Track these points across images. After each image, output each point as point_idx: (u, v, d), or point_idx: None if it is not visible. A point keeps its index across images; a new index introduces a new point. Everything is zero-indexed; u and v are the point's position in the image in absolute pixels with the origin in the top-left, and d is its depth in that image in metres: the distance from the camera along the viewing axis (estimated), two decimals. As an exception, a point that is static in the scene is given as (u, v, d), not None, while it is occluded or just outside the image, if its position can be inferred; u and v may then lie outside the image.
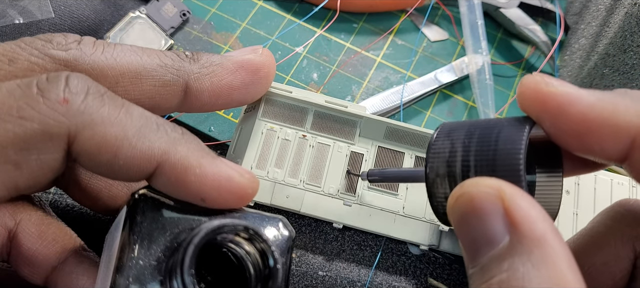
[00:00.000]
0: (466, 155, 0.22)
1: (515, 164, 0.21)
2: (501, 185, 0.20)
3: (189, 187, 0.24)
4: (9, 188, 0.23)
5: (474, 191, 0.20)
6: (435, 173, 0.23)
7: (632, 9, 0.39)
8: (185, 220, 0.24)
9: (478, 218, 0.20)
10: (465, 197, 0.20)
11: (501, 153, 0.21)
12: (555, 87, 0.22)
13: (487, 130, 0.22)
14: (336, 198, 0.34)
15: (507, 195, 0.19)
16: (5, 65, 0.25)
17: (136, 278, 0.23)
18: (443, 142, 0.23)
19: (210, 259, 0.25)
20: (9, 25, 0.39)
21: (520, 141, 0.21)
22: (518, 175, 0.21)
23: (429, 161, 0.24)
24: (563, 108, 0.21)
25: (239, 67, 0.30)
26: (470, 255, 0.20)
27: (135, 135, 0.23)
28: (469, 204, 0.20)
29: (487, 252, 0.20)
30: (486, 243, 0.20)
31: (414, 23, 0.48)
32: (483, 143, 0.22)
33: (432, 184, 0.24)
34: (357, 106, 0.35)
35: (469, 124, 0.24)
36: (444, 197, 0.23)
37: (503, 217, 0.19)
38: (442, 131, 0.24)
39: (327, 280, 0.35)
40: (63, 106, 0.22)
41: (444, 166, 0.23)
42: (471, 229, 0.20)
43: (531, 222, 0.19)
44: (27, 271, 0.26)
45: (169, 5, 0.43)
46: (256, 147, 0.34)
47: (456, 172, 0.23)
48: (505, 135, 0.22)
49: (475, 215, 0.20)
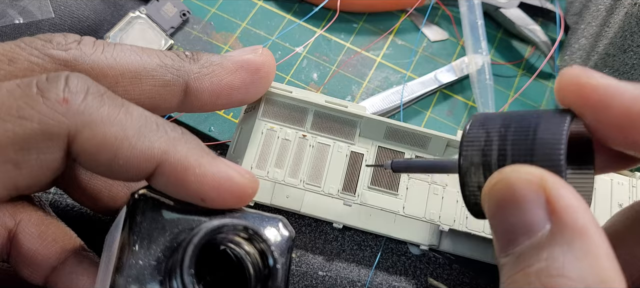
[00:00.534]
0: (503, 144, 0.22)
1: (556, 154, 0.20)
2: (543, 174, 0.19)
3: (189, 186, 0.24)
4: (9, 188, 0.23)
5: (514, 177, 0.20)
6: (469, 162, 0.23)
7: (632, 9, 0.39)
8: (185, 221, 0.24)
9: (517, 205, 0.19)
10: (504, 183, 0.20)
11: (540, 143, 0.21)
12: (597, 80, 0.21)
13: (525, 121, 0.22)
14: (336, 198, 0.34)
15: (549, 184, 0.19)
16: (5, 65, 0.25)
17: (136, 278, 0.23)
18: (478, 131, 0.23)
19: (210, 259, 0.25)
20: (8, 25, 0.39)
21: (561, 132, 0.20)
22: (559, 166, 0.20)
23: (464, 149, 0.23)
24: (606, 101, 0.21)
25: (239, 67, 0.30)
26: (504, 244, 0.20)
27: (135, 134, 0.23)
28: (508, 190, 0.20)
29: (524, 241, 0.19)
30: (524, 231, 0.19)
31: (414, 23, 0.48)
32: (521, 133, 0.21)
33: (465, 173, 0.23)
34: (357, 106, 0.35)
35: (505, 114, 0.23)
36: (477, 186, 0.23)
37: (544, 205, 0.19)
38: (476, 121, 0.23)
39: (327, 280, 0.35)
40: (63, 106, 0.22)
41: (479, 155, 0.22)
42: (508, 216, 0.20)
43: (573, 212, 0.19)
44: (27, 271, 0.26)
45: (169, 5, 0.43)
46: (256, 147, 0.34)
47: (492, 161, 0.22)
48: (545, 126, 0.21)
49: (515, 202, 0.19)
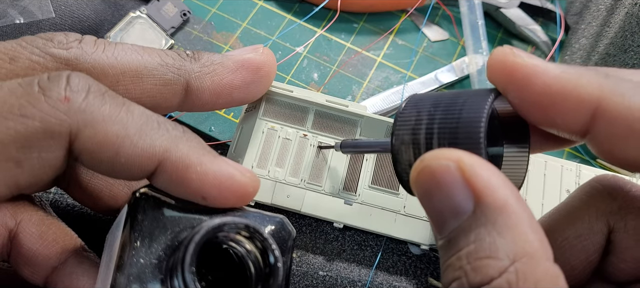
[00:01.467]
0: (430, 124, 0.23)
1: (476, 132, 0.21)
2: (460, 156, 0.20)
3: (190, 185, 0.24)
4: (10, 186, 0.23)
5: (434, 164, 0.20)
6: (400, 141, 0.24)
7: (632, 9, 0.39)
8: (186, 219, 0.24)
9: (441, 191, 0.20)
10: (426, 171, 0.20)
11: (463, 122, 0.21)
12: (523, 58, 0.22)
13: (452, 100, 0.23)
14: (337, 198, 0.34)
15: (466, 165, 0.19)
16: (6, 64, 0.25)
17: (137, 277, 0.23)
18: (410, 111, 0.24)
19: (211, 258, 0.25)
20: (9, 25, 0.39)
21: (482, 110, 0.21)
22: (478, 144, 0.21)
23: (395, 129, 0.24)
24: (528, 79, 0.21)
25: (239, 66, 0.30)
26: (437, 227, 0.20)
27: (137, 133, 0.23)
28: (430, 177, 0.20)
29: (453, 224, 0.20)
30: (451, 215, 0.20)
31: (414, 23, 0.48)
32: (448, 112, 0.22)
33: (397, 151, 0.24)
34: (357, 105, 0.35)
35: (437, 95, 0.24)
36: (408, 164, 0.24)
37: (465, 187, 0.19)
38: (410, 101, 0.24)
39: (328, 280, 0.35)
40: (64, 104, 0.22)
41: (410, 134, 0.23)
42: (435, 202, 0.20)
43: (492, 190, 0.19)
44: (28, 271, 0.26)
45: (170, 5, 0.43)
46: (257, 147, 0.34)
47: (420, 140, 0.23)
48: (469, 104, 0.22)
49: (437, 188, 0.20)
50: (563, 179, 0.36)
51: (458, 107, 0.22)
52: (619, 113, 0.20)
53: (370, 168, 0.35)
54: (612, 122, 0.20)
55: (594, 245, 0.25)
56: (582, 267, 0.25)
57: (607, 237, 0.25)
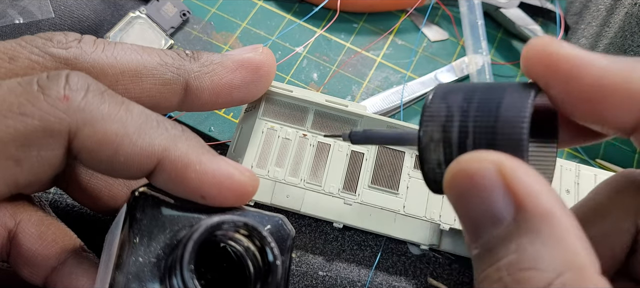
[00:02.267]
0: (464, 121, 0.21)
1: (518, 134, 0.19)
2: (501, 159, 0.18)
3: (189, 183, 0.24)
4: (9, 184, 0.23)
5: (472, 166, 0.19)
6: (429, 138, 0.22)
7: (632, 9, 0.39)
8: (185, 218, 0.24)
9: (478, 196, 0.18)
10: (463, 173, 0.19)
11: (503, 121, 0.20)
12: (567, 50, 0.20)
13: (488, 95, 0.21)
14: (337, 197, 0.34)
15: (508, 170, 0.18)
16: (5, 63, 0.25)
17: (136, 276, 0.23)
18: (439, 105, 0.22)
19: (210, 257, 0.25)
20: (9, 25, 0.39)
21: (524, 109, 0.19)
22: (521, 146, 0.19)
23: (423, 124, 0.22)
24: (575, 72, 0.20)
25: (239, 66, 0.30)
26: (472, 235, 0.19)
27: (136, 131, 0.23)
28: (467, 181, 0.19)
29: (491, 231, 0.18)
30: (490, 222, 0.18)
31: (414, 23, 0.48)
32: (483, 108, 0.20)
33: (425, 149, 0.22)
34: (357, 105, 0.35)
35: (468, 86, 0.22)
36: (436, 163, 0.22)
37: (505, 193, 0.18)
38: (438, 93, 0.22)
39: (327, 280, 0.35)
40: (64, 103, 0.22)
41: (440, 131, 0.21)
42: (472, 208, 0.19)
43: (535, 197, 0.18)
44: (27, 271, 0.26)
45: (169, 5, 0.43)
46: (257, 146, 0.34)
47: (452, 138, 0.21)
48: (509, 102, 0.20)
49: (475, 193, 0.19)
50: (563, 179, 0.36)
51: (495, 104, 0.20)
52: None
53: (370, 168, 0.35)
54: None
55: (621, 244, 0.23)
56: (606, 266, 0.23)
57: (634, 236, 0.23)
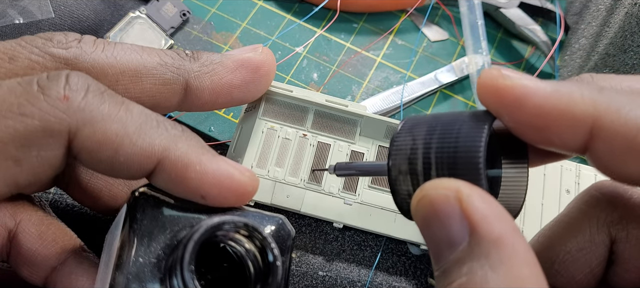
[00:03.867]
0: (427, 153, 0.22)
1: (475, 162, 0.21)
2: (459, 186, 0.19)
3: (189, 183, 0.24)
4: (9, 184, 0.23)
5: (433, 194, 0.20)
6: (397, 171, 0.23)
7: (632, 9, 0.39)
8: (185, 218, 0.24)
9: (438, 221, 0.20)
10: (425, 200, 0.20)
11: (461, 151, 0.21)
12: (512, 80, 0.21)
13: (448, 127, 0.22)
14: (337, 197, 0.34)
15: (464, 196, 0.19)
16: (5, 63, 0.25)
17: (136, 276, 0.23)
18: (405, 138, 0.23)
19: (211, 257, 0.25)
20: (8, 25, 0.39)
21: (479, 139, 0.21)
22: (478, 173, 0.20)
23: (391, 157, 0.23)
24: (520, 101, 0.21)
25: (239, 66, 0.30)
26: (435, 258, 0.20)
27: (136, 131, 0.23)
28: (429, 207, 0.20)
29: (448, 255, 0.19)
30: (447, 245, 0.19)
31: (414, 23, 0.48)
32: (444, 140, 0.22)
33: (394, 181, 0.23)
34: (357, 105, 0.35)
35: (431, 118, 0.23)
36: (407, 194, 0.23)
37: (461, 218, 0.19)
38: (405, 126, 0.24)
39: (327, 281, 0.35)
40: (63, 103, 0.22)
41: (406, 163, 0.23)
42: (433, 232, 0.20)
43: (488, 223, 0.19)
44: (27, 271, 0.26)
45: (169, 5, 0.43)
46: (257, 146, 0.34)
47: (418, 170, 0.22)
48: (466, 132, 0.21)
49: (436, 218, 0.20)
50: (563, 179, 0.36)
51: (454, 134, 0.22)
52: (615, 130, 0.19)
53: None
54: (610, 140, 0.20)
55: (597, 258, 0.24)
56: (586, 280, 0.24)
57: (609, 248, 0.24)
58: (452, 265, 0.19)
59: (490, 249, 0.18)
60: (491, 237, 0.18)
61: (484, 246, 0.18)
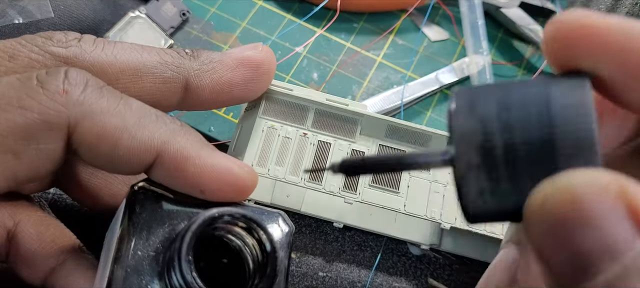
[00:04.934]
0: (509, 137, 0.17)
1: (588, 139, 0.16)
2: (619, 179, 0.15)
3: (189, 177, 0.24)
4: (8, 178, 0.23)
5: (581, 187, 0.15)
6: (466, 166, 0.18)
7: (633, 9, 0.39)
8: (184, 213, 0.24)
9: (591, 223, 0.15)
10: (564, 196, 0.15)
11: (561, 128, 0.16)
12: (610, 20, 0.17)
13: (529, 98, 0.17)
14: (337, 196, 0.34)
15: (630, 191, 0.15)
16: (5, 61, 0.25)
17: (134, 269, 0.23)
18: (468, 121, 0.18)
19: (209, 251, 0.25)
20: (8, 25, 0.39)
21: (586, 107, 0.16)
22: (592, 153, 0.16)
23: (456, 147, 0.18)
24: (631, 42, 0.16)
25: (239, 64, 0.30)
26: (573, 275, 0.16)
27: (135, 125, 0.23)
28: (571, 206, 0.15)
29: (610, 266, 0.15)
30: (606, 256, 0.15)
31: (414, 23, 0.48)
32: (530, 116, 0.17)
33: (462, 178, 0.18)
34: (358, 104, 0.35)
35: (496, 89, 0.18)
36: (479, 193, 0.18)
37: (628, 219, 0.15)
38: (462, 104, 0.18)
39: (327, 281, 0.35)
40: (63, 97, 0.23)
41: (477, 154, 0.18)
42: (579, 240, 0.15)
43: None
44: (26, 271, 0.26)
45: (169, 5, 0.43)
46: (257, 145, 0.34)
47: (497, 161, 0.17)
48: (561, 102, 0.17)
49: (587, 220, 0.15)
50: None
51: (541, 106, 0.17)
52: None
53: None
54: None
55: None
56: None
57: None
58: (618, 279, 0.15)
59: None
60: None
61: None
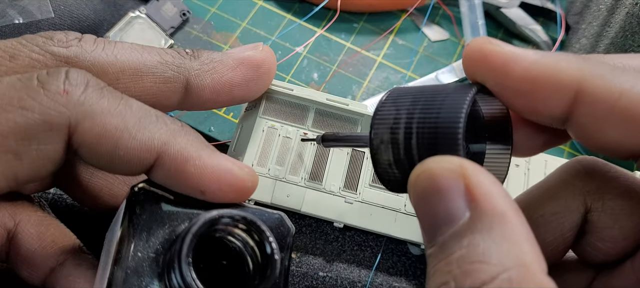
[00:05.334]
0: (409, 122, 0.22)
1: (454, 133, 0.21)
2: (463, 162, 0.20)
3: (189, 178, 0.24)
4: (9, 178, 0.23)
5: (436, 168, 0.20)
6: (379, 140, 0.23)
7: (633, 9, 0.39)
8: (184, 214, 0.24)
9: (439, 195, 0.20)
10: (426, 174, 0.20)
11: (442, 121, 0.21)
12: (500, 46, 0.22)
13: (432, 97, 0.22)
14: (337, 196, 0.34)
15: (469, 172, 0.19)
16: (6, 61, 0.25)
17: (134, 271, 0.23)
18: (389, 108, 0.23)
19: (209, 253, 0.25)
20: (8, 25, 0.39)
21: (460, 109, 0.21)
22: (456, 144, 0.21)
23: (374, 127, 0.23)
24: (507, 65, 0.21)
25: (239, 64, 0.30)
26: (429, 234, 0.20)
27: (135, 126, 0.23)
28: (430, 181, 0.20)
29: (446, 230, 0.19)
30: (446, 221, 0.19)
31: (414, 23, 0.48)
32: (427, 110, 0.22)
33: (376, 151, 0.23)
34: (358, 104, 0.35)
35: (416, 90, 0.23)
36: (387, 163, 0.23)
37: (464, 194, 0.19)
38: (390, 97, 0.24)
39: (328, 281, 0.35)
40: (63, 97, 0.23)
41: (388, 133, 0.23)
42: (431, 207, 0.20)
43: (492, 198, 0.19)
44: (26, 272, 0.26)
45: (169, 5, 0.43)
46: (257, 145, 0.34)
47: (399, 139, 0.22)
48: (449, 102, 0.21)
49: (436, 192, 0.20)
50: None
51: (437, 104, 0.22)
52: (598, 94, 0.20)
53: (371, 167, 0.35)
54: (593, 104, 0.20)
55: (570, 223, 0.25)
56: (556, 244, 0.25)
57: (583, 216, 0.25)
58: (451, 238, 0.19)
59: (493, 224, 0.18)
60: (495, 211, 0.18)
61: (486, 221, 0.18)
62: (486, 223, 0.18)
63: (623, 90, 0.20)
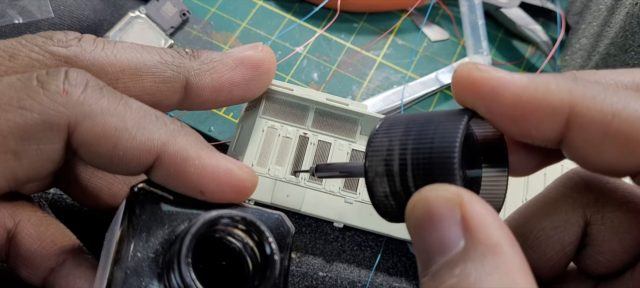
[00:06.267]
0: (403, 154, 0.22)
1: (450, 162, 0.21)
2: (459, 191, 0.20)
3: (188, 178, 0.24)
4: (8, 178, 0.23)
5: (431, 197, 0.20)
6: (374, 173, 0.23)
7: (633, 9, 0.39)
8: (183, 214, 0.24)
9: (434, 224, 0.20)
10: (422, 203, 0.20)
11: (437, 151, 0.21)
12: (488, 72, 0.21)
13: (424, 126, 0.22)
14: (337, 196, 0.34)
15: (465, 201, 0.19)
16: (5, 61, 0.25)
17: (134, 271, 0.23)
18: (381, 139, 0.23)
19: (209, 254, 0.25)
20: (8, 25, 0.39)
21: (455, 137, 0.21)
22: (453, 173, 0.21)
23: (368, 159, 0.23)
24: (496, 92, 0.21)
25: (239, 63, 0.30)
26: (424, 263, 0.20)
27: (135, 126, 0.23)
28: (426, 210, 0.20)
29: (440, 259, 0.19)
30: (440, 249, 0.19)
31: (414, 23, 0.48)
32: (420, 140, 0.22)
33: (371, 183, 0.23)
34: (358, 104, 0.35)
35: (407, 119, 0.23)
36: (384, 195, 0.23)
37: (459, 223, 0.19)
38: (382, 127, 0.24)
39: (328, 281, 0.35)
40: (63, 97, 0.23)
41: (382, 165, 0.23)
42: (426, 235, 0.20)
43: (487, 229, 0.19)
44: (26, 272, 0.26)
45: (169, 5, 0.43)
46: (257, 145, 0.34)
47: (394, 171, 0.22)
48: (441, 131, 0.21)
49: (432, 221, 0.20)
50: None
51: (430, 134, 0.22)
52: (591, 116, 0.20)
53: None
54: (586, 127, 0.20)
55: (570, 237, 0.24)
56: (557, 258, 0.25)
57: (583, 229, 0.24)
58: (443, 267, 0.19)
59: (486, 254, 0.18)
60: (489, 242, 0.18)
61: (480, 250, 0.18)
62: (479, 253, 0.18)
63: (615, 111, 0.20)
